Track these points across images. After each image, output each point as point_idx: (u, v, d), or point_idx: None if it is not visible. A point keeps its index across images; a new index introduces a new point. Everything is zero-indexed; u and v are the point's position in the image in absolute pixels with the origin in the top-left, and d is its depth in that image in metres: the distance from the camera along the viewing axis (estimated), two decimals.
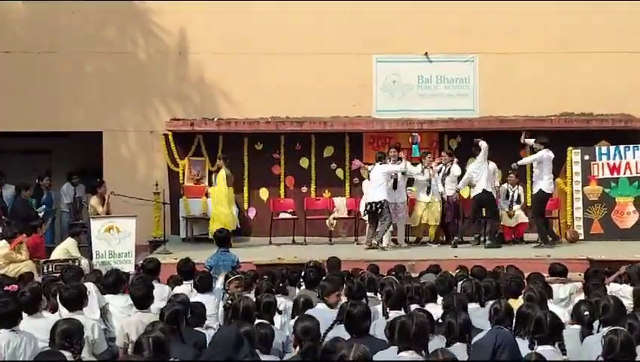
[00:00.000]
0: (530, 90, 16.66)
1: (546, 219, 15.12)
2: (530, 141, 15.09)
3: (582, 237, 15.48)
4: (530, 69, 16.72)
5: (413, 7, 16.82)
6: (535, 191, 14.79)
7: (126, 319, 7.84)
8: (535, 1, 16.91)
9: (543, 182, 14.57)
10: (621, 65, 16.72)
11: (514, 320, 6.69)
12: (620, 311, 6.80)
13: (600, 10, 17.03)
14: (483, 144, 14.71)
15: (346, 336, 6.20)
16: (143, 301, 7.75)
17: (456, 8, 16.96)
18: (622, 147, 15.87)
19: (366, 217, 14.85)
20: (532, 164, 14.98)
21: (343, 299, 7.73)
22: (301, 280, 9.64)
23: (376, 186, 14.48)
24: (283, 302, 8.58)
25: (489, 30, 16.78)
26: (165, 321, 6.53)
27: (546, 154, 14.61)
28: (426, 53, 16.74)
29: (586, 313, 6.93)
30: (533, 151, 15.08)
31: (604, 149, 15.94)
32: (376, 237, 14.39)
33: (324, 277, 8.95)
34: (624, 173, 15.78)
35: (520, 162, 15.26)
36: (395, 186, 14.70)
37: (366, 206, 14.59)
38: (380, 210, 14.28)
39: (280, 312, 7.97)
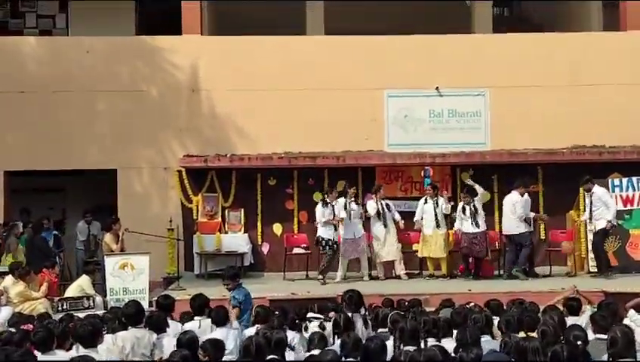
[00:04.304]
0: (542, 123, 16.68)
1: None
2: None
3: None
4: (542, 102, 16.75)
5: (424, 43, 16.99)
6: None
7: (122, 333, 8.24)
8: (545, 33, 17.06)
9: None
10: (632, 97, 16.74)
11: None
12: (630, 345, 6.56)
13: (610, 42, 17.16)
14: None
15: None
16: (134, 317, 8.43)
17: (466, 42, 17.13)
18: (634, 179, 15.78)
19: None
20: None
21: None
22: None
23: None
24: (295, 337, 8.58)
25: (499, 64, 16.88)
26: None
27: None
28: (437, 88, 16.82)
29: (579, 342, 6.72)
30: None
31: (616, 181, 15.86)
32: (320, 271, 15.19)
33: None
34: (637, 205, 15.70)
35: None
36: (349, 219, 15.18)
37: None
38: (321, 246, 15.26)
39: (293, 349, 7.95)
